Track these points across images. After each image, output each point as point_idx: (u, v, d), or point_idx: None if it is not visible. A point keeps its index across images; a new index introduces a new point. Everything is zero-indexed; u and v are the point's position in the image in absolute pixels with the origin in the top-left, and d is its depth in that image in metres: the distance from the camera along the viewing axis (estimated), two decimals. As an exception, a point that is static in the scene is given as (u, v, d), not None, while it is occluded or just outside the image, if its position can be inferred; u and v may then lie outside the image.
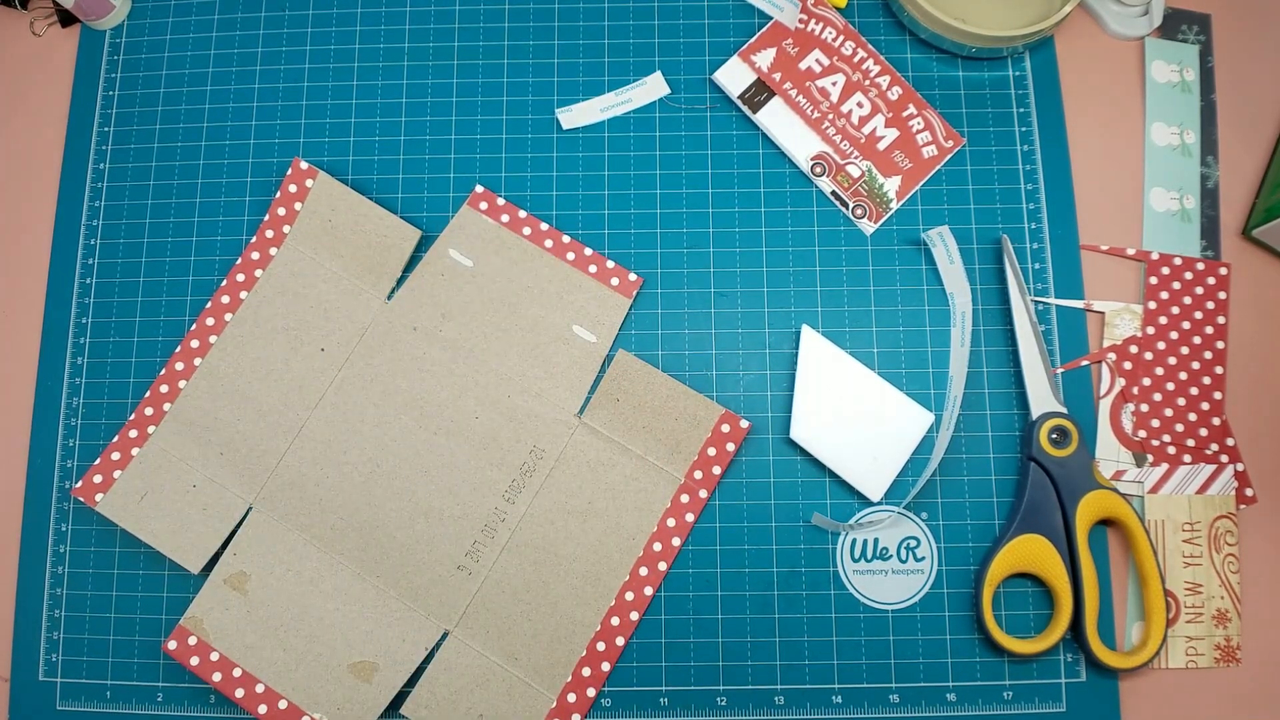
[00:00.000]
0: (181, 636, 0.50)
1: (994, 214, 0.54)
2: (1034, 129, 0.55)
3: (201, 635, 0.50)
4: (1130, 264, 0.54)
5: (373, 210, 0.54)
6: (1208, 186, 0.55)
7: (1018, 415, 0.52)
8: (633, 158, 0.55)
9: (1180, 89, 0.56)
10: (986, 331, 0.53)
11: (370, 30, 0.58)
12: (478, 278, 0.53)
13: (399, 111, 0.56)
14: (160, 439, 0.52)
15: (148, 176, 0.56)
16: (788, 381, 0.52)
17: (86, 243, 0.55)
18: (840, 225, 0.54)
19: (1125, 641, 0.50)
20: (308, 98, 0.57)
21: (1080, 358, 0.52)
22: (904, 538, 0.51)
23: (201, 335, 0.53)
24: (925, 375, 0.52)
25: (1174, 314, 0.53)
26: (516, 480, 0.51)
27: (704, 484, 0.50)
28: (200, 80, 0.57)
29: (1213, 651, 0.49)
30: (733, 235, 0.54)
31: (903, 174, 0.54)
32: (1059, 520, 0.49)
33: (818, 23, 0.56)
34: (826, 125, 0.55)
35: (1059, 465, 0.50)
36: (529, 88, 0.57)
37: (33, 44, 0.59)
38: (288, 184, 0.54)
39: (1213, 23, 0.57)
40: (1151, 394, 0.52)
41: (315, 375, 0.52)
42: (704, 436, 0.50)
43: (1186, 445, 0.51)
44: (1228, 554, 0.50)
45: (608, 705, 0.49)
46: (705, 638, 0.50)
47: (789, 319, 0.53)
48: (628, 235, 0.54)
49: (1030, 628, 0.50)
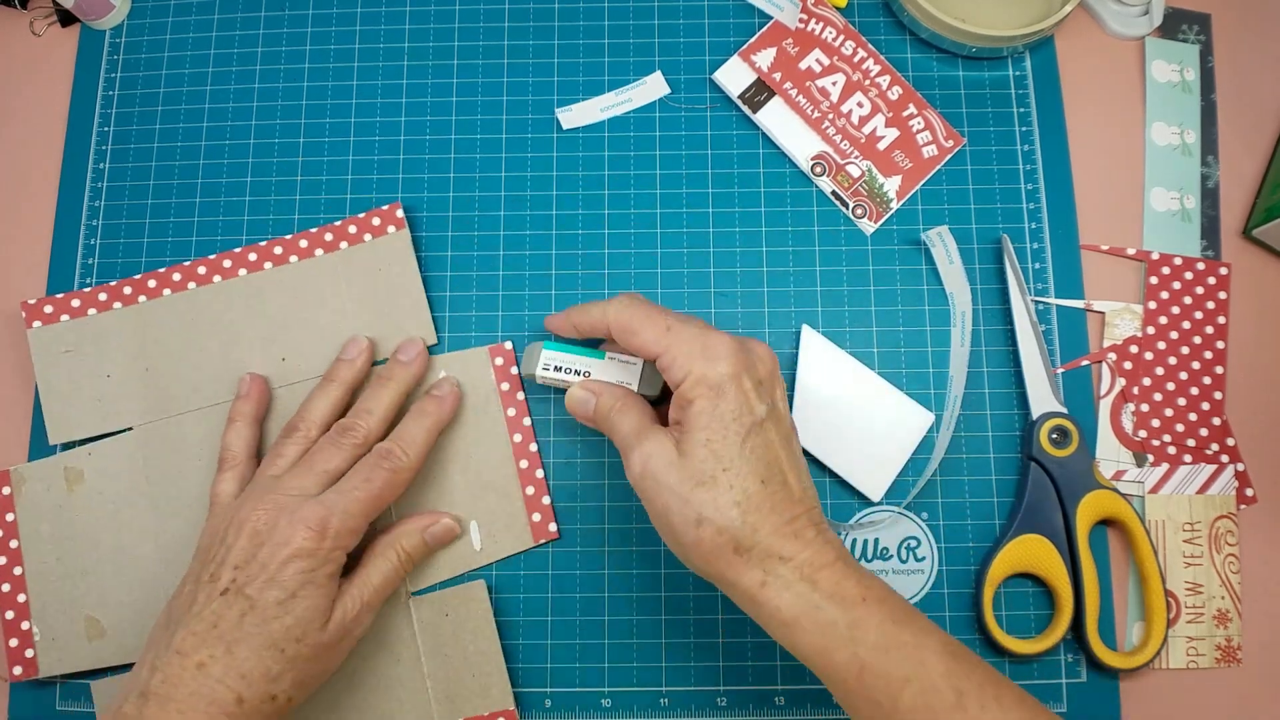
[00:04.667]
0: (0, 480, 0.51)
1: (994, 214, 0.54)
2: (1034, 129, 0.55)
3: (15, 492, 0.51)
4: (1130, 264, 0.54)
5: (418, 294, 0.53)
6: (1208, 186, 0.55)
7: (1018, 415, 0.52)
8: (633, 158, 0.55)
9: (1180, 89, 0.56)
10: (987, 331, 0.53)
11: (370, 30, 0.58)
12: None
13: (399, 111, 0.56)
14: (115, 318, 0.53)
15: (148, 176, 0.56)
16: (788, 381, 0.52)
17: (86, 242, 0.55)
18: (840, 225, 0.54)
19: (1126, 642, 0.50)
20: (308, 98, 0.57)
21: (1080, 358, 0.52)
22: (904, 538, 0.51)
23: (214, 267, 0.53)
24: (925, 375, 0.52)
25: (1174, 314, 0.53)
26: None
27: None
28: (200, 80, 0.57)
29: (1213, 651, 0.49)
30: (733, 235, 0.54)
31: (903, 174, 0.54)
32: (1059, 520, 0.49)
33: (818, 22, 0.56)
34: (826, 125, 0.55)
35: (1059, 465, 0.50)
36: (529, 88, 0.57)
37: (33, 44, 0.59)
38: (374, 215, 0.54)
39: (1213, 23, 0.57)
40: (1152, 394, 0.52)
41: (256, 372, 0.52)
42: (477, 711, 0.48)
43: (1187, 445, 0.51)
44: (1228, 554, 0.50)
45: (607, 706, 0.49)
46: (705, 638, 0.50)
47: (789, 319, 0.53)
48: (628, 235, 0.54)
49: (1031, 628, 0.50)
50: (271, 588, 0.43)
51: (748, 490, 0.39)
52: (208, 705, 0.40)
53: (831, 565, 0.39)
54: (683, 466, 0.40)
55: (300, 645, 0.43)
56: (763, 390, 0.41)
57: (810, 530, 0.40)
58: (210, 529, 0.46)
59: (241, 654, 0.42)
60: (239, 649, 0.42)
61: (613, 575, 0.51)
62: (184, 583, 0.45)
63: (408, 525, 0.49)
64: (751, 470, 0.40)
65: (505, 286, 0.54)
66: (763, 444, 0.40)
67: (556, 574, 0.51)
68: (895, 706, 0.37)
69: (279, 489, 0.45)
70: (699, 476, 0.40)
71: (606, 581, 0.51)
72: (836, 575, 0.38)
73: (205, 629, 0.42)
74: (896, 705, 0.37)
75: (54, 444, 0.52)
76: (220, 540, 0.44)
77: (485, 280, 0.54)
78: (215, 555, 0.44)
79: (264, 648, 0.42)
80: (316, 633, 0.43)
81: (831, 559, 0.39)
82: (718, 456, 0.40)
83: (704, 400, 0.41)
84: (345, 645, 0.45)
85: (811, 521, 0.40)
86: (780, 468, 0.41)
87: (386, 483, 0.46)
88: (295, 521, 0.44)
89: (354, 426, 0.48)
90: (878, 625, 0.37)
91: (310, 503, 0.45)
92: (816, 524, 0.40)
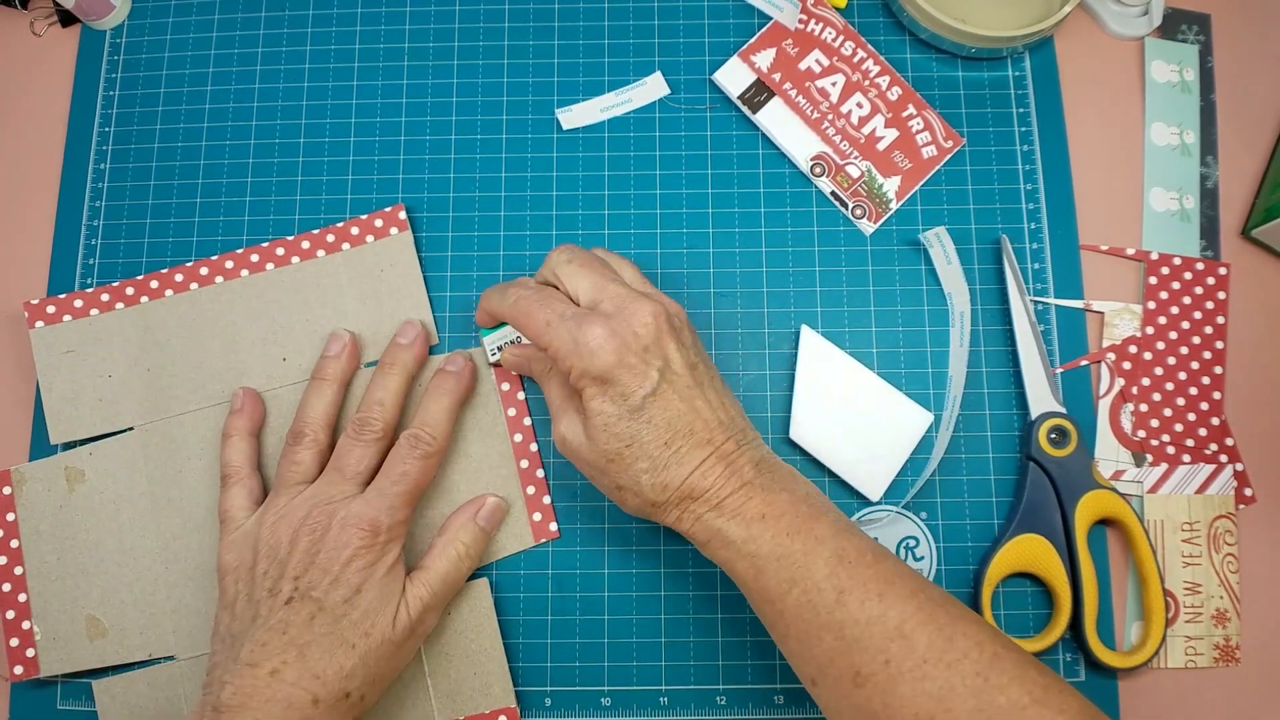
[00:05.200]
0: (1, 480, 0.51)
1: (993, 214, 0.54)
2: (1034, 129, 0.55)
3: (15, 491, 0.51)
4: (1130, 264, 0.54)
5: (420, 296, 0.53)
6: (1207, 186, 0.55)
7: (1017, 415, 0.52)
8: (633, 158, 0.55)
9: (1180, 89, 0.56)
10: (986, 331, 0.53)
11: (370, 30, 0.58)
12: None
13: (399, 112, 0.56)
14: (117, 318, 0.53)
15: (148, 176, 0.56)
16: (787, 381, 0.52)
17: (87, 243, 0.55)
18: (840, 225, 0.54)
19: (1124, 641, 0.50)
20: (308, 98, 0.57)
21: (1080, 358, 0.52)
22: (903, 537, 0.51)
23: (216, 267, 0.53)
24: (925, 375, 0.52)
25: (1173, 314, 0.53)
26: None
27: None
28: (201, 80, 0.57)
29: (1212, 651, 0.49)
30: (733, 235, 0.54)
31: (902, 174, 0.54)
32: (1058, 520, 0.49)
33: (817, 23, 0.56)
34: (826, 125, 0.55)
35: (1058, 465, 0.50)
36: (529, 88, 0.57)
37: (33, 44, 0.59)
38: (376, 216, 0.54)
39: (1213, 23, 0.57)
40: (1151, 394, 0.52)
41: (257, 372, 0.52)
42: (478, 709, 0.48)
43: (1186, 445, 0.51)
44: (1227, 554, 0.50)
45: (607, 705, 0.50)
46: (705, 637, 0.50)
47: (788, 319, 0.53)
48: (628, 235, 0.54)
49: (1029, 627, 0.50)
50: (338, 587, 0.43)
51: (653, 457, 0.42)
52: (285, 710, 0.41)
53: (736, 491, 0.42)
54: (591, 447, 0.44)
55: (369, 640, 0.43)
56: (650, 355, 0.43)
57: (719, 466, 0.42)
58: (239, 546, 0.46)
59: (314, 655, 0.42)
60: (310, 651, 0.42)
61: (613, 575, 0.51)
62: (230, 605, 0.45)
63: (458, 519, 0.49)
64: (653, 437, 0.42)
65: (505, 287, 0.54)
66: (660, 408, 0.42)
67: (557, 573, 0.51)
68: (784, 606, 0.41)
69: (318, 498, 0.46)
70: (607, 454, 0.43)
71: (606, 581, 0.51)
72: (740, 499, 0.42)
73: (273, 637, 0.42)
74: (785, 604, 0.41)
75: (55, 444, 0.52)
76: (268, 556, 0.45)
77: (485, 280, 0.54)
78: (265, 571, 0.44)
79: (336, 646, 0.43)
80: (385, 628, 0.44)
81: (736, 486, 0.42)
82: (618, 436, 0.42)
83: (590, 389, 0.43)
84: (411, 645, 0.46)
85: (721, 456, 0.42)
86: (684, 422, 0.43)
87: (421, 470, 0.48)
88: (346, 525, 0.45)
89: (369, 420, 0.48)
90: (771, 538, 0.41)
91: (355, 503, 0.45)
92: (726, 457, 0.43)
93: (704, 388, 0.44)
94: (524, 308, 0.45)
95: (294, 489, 0.47)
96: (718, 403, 0.44)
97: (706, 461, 0.42)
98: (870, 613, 0.39)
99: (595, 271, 0.45)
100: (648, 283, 0.48)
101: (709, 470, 0.42)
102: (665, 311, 0.44)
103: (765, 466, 0.43)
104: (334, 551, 0.44)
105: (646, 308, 0.43)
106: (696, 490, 0.42)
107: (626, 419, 0.42)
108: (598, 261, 0.46)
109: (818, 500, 0.43)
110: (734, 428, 0.44)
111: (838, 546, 0.41)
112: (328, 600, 0.43)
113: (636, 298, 0.44)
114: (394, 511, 0.46)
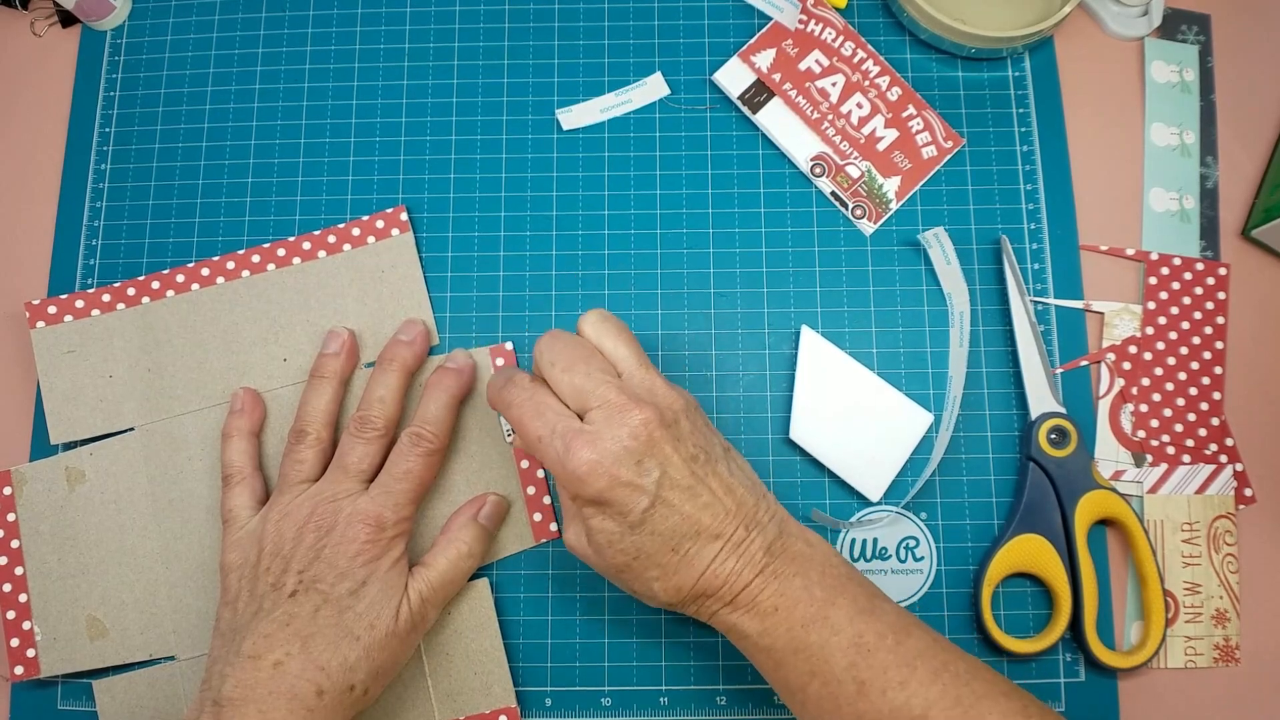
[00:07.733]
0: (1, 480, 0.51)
1: (993, 214, 0.54)
2: (1033, 129, 0.55)
3: (16, 492, 0.51)
4: (1130, 264, 0.54)
5: (421, 297, 0.53)
6: (1207, 187, 0.55)
7: (1017, 415, 0.52)
8: (633, 158, 0.55)
9: (1180, 89, 0.56)
10: (986, 332, 0.53)
11: (370, 30, 0.58)
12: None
13: (399, 112, 0.56)
14: (118, 319, 0.53)
15: (149, 177, 0.56)
16: (787, 381, 0.52)
17: (88, 243, 0.55)
18: (840, 225, 0.54)
19: (1124, 641, 0.50)
20: (308, 98, 0.57)
21: (1079, 358, 0.52)
22: (903, 537, 0.51)
23: (218, 268, 0.54)
24: (925, 375, 0.52)
25: (1173, 314, 0.53)
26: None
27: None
28: (201, 80, 0.57)
29: (1212, 651, 0.49)
30: (733, 235, 0.54)
31: (902, 174, 0.54)
32: (1058, 520, 0.49)
33: (817, 23, 0.56)
34: (826, 126, 0.55)
35: (1058, 465, 0.50)
36: (529, 88, 0.57)
37: (33, 44, 0.59)
38: (378, 218, 0.54)
39: (1213, 23, 0.57)
40: (1151, 394, 0.52)
41: (257, 373, 0.52)
42: (479, 709, 0.49)
43: (1185, 445, 0.51)
44: (1227, 554, 0.50)
45: (607, 705, 0.50)
46: (705, 638, 0.50)
47: (788, 319, 0.53)
48: (628, 235, 0.54)
49: (1029, 627, 0.50)
50: (344, 580, 0.44)
51: (662, 565, 0.41)
52: (289, 702, 0.41)
53: (750, 584, 0.41)
54: (598, 559, 0.43)
55: (374, 632, 0.43)
56: (645, 466, 0.41)
57: (731, 559, 0.41)
58: (244, 544, 0.46)
59: (317, 647, 0.42)
60: (314, 643, 0.42)
61: (613, 575, 0.51)
62: (233, 601, 0.45)
63: (460, 518, 0.49)
64: (659, 546, 0.41)
65: (505, 287, 0.54)
66: (661, 518, 0.41)
67: (557, 573, 0.51)
68: (805, 697, 0.41)
69: (322, 495, 0.46)
70: (616, 567, 0.42)
71: (606, 581, 0.51)
72: (754, 592, 0.41)
73: (277, 629, 0.42)
74: (806, 696, 0.41)
75: (55, 444, 0.52)
76: (273, 553, 0.45)
77: (485, 281, 0.54)
78: (269, 567, 0.44)
79: (340, 638, 0.43)
80: (389, 620, 0.44)
81: (750, 577, 0.41)
82: (623, 551, 0.42)
83: (589, 510, 0.42)
84: (413, 639, 0.46)
85: (733, 547, 0.41)
86: (688, 525, 0.41)
87: (424, 467, 0.48)
88: (352, 521, 0.45)
89: (370, 418, 0.48)
90: (786, 631, 0.41)
91: (361, 500, 0.46)
92: (738, 547, 0.41)
93: (707, 479, 0.42)
94: (516, 416, 0.43)
95: (298, 487, 0.47)
96: (723, 490, 0.42)
97: (718, 557, 0.41)
98: (893, 702, 0.39)
99: (581, 373, 0.42)
100: (646, 362, 0.44)
101: (720, 566, 0.41)
102: (657, 415, 0.41)
103: (778, 549, 0.42)
104: (340, 546, 0.44)
105: (636, 417, 0.41)
106: (710, 589, 0.41)
107: (629, 534, 0.41)
108: (584, 353, 0.43)
109: (834, 576, 0.42)
110: (743, 511, 0.42)
111: (855, 634, 0.40)
112: (334, 593, 0.43)
113: (625, 406, 0.41)
114: (399, 508, 0.46)
